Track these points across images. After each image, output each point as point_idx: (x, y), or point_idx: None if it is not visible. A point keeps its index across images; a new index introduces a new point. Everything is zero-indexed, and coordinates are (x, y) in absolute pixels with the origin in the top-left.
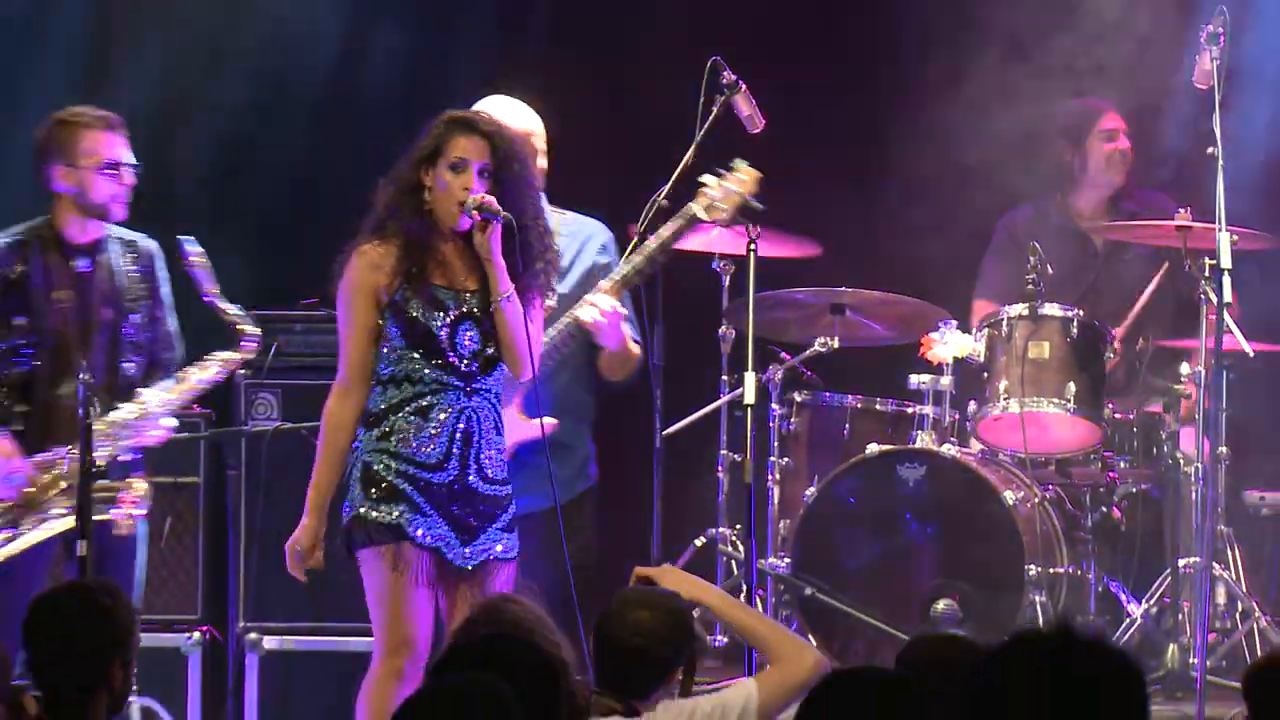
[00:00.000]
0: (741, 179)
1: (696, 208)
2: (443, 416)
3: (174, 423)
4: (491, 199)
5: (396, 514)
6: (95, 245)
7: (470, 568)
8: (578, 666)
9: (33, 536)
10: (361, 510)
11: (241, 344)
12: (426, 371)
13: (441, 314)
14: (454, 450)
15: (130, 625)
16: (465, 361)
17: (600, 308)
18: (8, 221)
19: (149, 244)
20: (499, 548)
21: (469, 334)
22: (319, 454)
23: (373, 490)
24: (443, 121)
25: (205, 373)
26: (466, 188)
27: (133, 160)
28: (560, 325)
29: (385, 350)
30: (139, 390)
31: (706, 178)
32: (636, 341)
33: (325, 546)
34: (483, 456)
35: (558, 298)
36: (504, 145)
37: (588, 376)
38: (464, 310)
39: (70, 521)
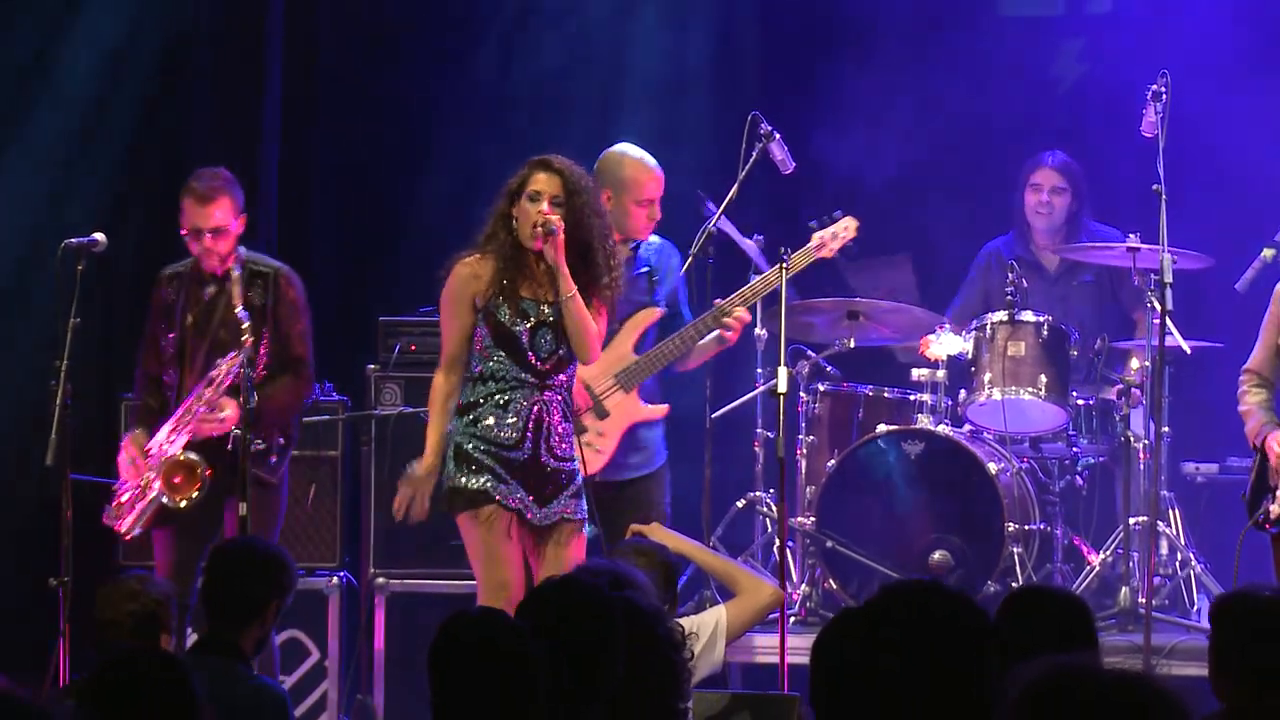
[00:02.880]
0: (846, 226)
1: (811, 248)
2: (519, 407)
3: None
4: (552, 217)
5: (483, 482)
6: (225, 275)
7: (546, 525)
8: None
9: (148, 504)
10: (457, 480)
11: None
12: (508, 370)
13: (524, 321)
14: (528, 434)
15: (279, 577)
16: (541, 361)
17: (743, 319)
18: None
19: (277, 273)
20: (568, 511)
21: (545, 338)
22: (431, 413)
23: (464, 465)
24: (527, 163)
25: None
26: (541, 212)
27: (217, 225)
28: (699, 325)
29: (476, 349)
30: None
31: (814, 224)
32: None
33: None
34: (552, 439)
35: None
36: (573, 180)
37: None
38: (541, 318)
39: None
